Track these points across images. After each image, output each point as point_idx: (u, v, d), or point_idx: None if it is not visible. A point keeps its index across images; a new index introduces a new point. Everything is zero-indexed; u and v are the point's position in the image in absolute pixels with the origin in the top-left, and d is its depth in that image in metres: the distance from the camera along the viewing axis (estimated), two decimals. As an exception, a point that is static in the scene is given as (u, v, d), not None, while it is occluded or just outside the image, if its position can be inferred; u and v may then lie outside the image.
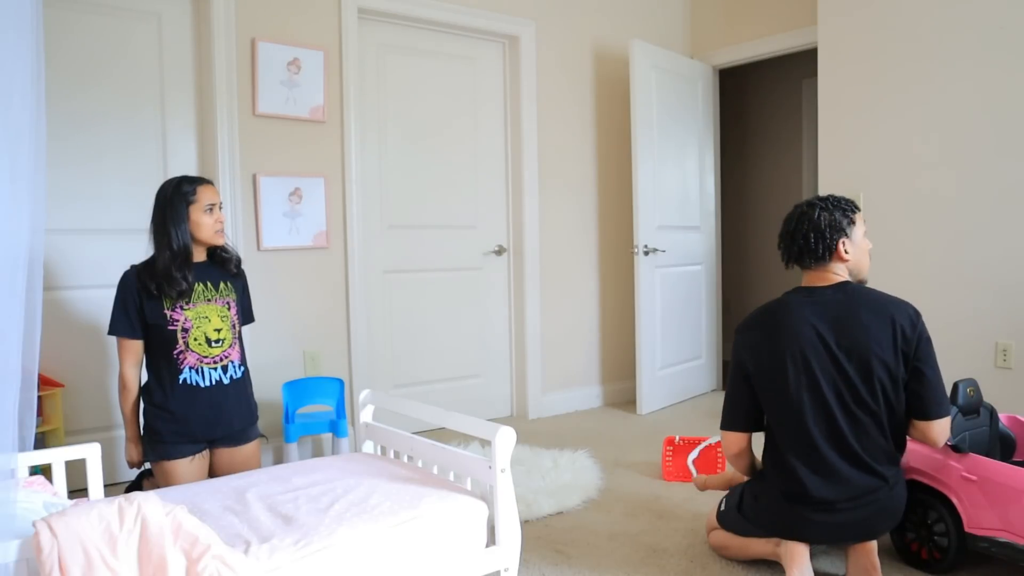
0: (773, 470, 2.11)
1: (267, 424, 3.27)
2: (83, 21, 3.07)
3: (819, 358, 2.02)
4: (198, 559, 1.44)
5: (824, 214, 2.11)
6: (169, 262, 2.35)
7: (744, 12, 4.66)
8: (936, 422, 2.03)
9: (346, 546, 1.68)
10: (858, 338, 2.00)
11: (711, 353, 4.95)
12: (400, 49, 3.90)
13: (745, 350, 2.15)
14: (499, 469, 1.89)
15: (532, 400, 4.30)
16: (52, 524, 1.36)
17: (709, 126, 4.89)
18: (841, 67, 3.87)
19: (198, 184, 2.42)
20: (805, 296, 2.11)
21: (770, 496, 2.11)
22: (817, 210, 2.13)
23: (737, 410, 2.18)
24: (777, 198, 5.82)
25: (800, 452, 2.04)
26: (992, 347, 3.39)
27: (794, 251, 2.15)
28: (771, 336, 2.08)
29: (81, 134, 3.09)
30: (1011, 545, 1.99)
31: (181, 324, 2.38)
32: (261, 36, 3.37)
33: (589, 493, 2.92)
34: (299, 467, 2.18)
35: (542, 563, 2.33)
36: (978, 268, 3.42)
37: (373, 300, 3.83)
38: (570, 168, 4.44)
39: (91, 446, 1.96)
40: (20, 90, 1.41)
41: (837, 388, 2.01)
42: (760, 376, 2.11)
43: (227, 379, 2.46)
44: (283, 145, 3.45)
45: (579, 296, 4.51)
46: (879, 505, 2.03)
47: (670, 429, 3.91)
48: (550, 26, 4.32)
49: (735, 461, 2.24)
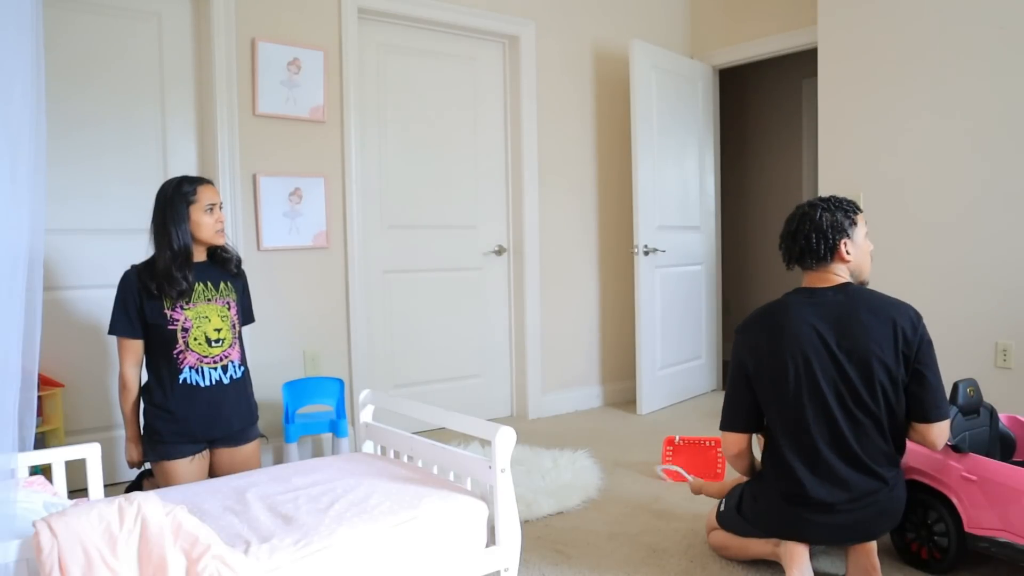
0: (773, 471, 2.11)
1: (267, 424, 3.27)
2: (83, 21, 3.07)
3: (820, 359, 2.02)
4: (198, 559, 1.44)
5: (826, 215, 2.11)
6: (170, 262, 2.35)
7: (744, 12, 4.66)
8: (936, 425, 2.03)
9: (346, 546, 1.68)
10: (859, 340, 2.00)
11: (711, 353, 4.95)
12: (400, 49, 3.90)
13: (745, 351, 2.14)
14: (499, 469, 1.89)
15: (532, 400, 4.30)
16: (52, 524, 1.36)
17: (709, 126, 4.89)
18: (841, 67, 3.87)
19: (198, 184, 2.42)
20: (806, 297, 2.10)
21: (769, 497, 2.11)
22: (819, 210, 2.12)
23: (737, 411, 2.18)
24: (777, 198, 5.82)
25: (800, 453, 2.04)
26: (992, 347, 3.39)
27: (795, 251, 2.15)
28: (772, 337, 2.08)
29: (81, 134, 3.09)
30: (1011, 545, 1.99)
31: (181, 324, 2.38)
32: (261, 36, 3.37)
33: (589, 493, 2.92)
34: (299, 467, 2.18)
35: (542, 563, 2.33)
36: (978, 268, 3.42)
37: (373, 300, 3.83)
38: (570, 168, 4.44)
39: (91, 446, 1.96)
40: (20, 90, 1.41)
41: (838, 390, 2.01)
42: (760, 377, 2.10)
43: (227, 379, 2.46)
44: (283, 145, 3.45)
45: (579, 296, 4.51)
46: (879, 506, 2.03)
47: (670, 429, 3.91)
48: (550, 26, 4.32)
49: (735, 462, 2.24)
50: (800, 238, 2.13)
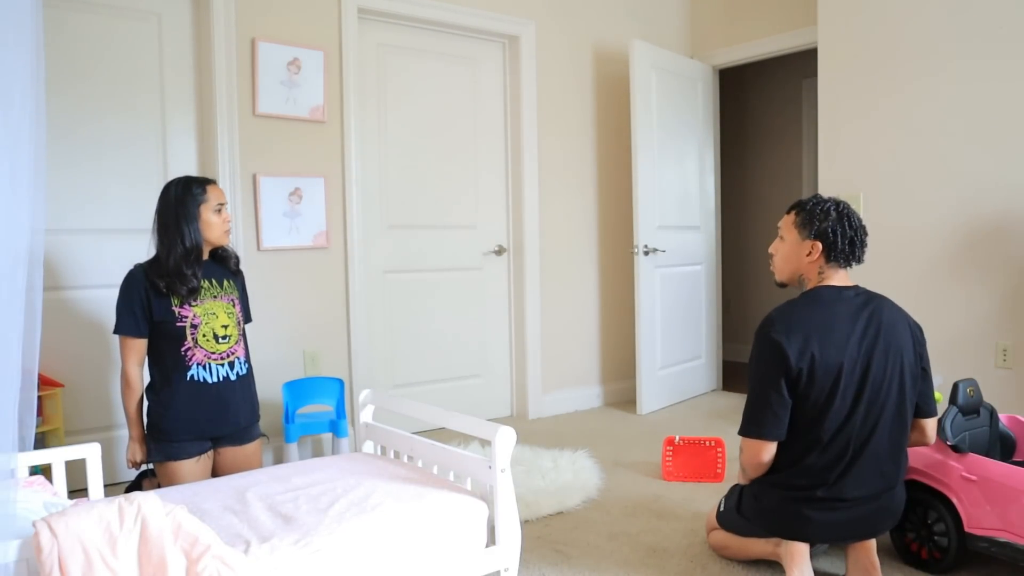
0: (788, 469, 2.05)
1: (267, 424, 3.26)
2: (83, 21, 3.07)
3: (867, 358, 1.99)
4: (198, 559, 1.44)
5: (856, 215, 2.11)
6: (181, 259, 2.36)
7: (744, 12, 4.66)
8: (933, 420, 2.13)
9: (346, 546, 1.68)
10: (892, 339, 2.01)
11: (711, 353, 4.95)
12: (400, 49, 3.90)
13: (790, 351, 1.96)
14: (499, 469, 1.89)
15: (532, 400, 4.30)
16: (52, 524, 1.36)
17: (709, 126, 4.89)
18: (841, 67, 3.87)
19: (207, 184, 2.45)
20: (838, 295, 2.06)
21: (771, 496, 2.10)
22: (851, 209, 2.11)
23: (776, 417, 2.01)
24: (777, 198, 5.82)
25: (827, 452, 2.00)
26: (992, 347, 3.39)
27: (844, 246, 2.05)
28: (820, 337, 1.98)
29: (81, 134, 3.09)
30: (1011, 545, 1.99)
31: (190, 320, 2.39)
32: (261, 36, 3.37)
33: (589, 493, 2.92)
34: (299, 467, 2.18)
35: (542, 563, 2.33)
36: (978, 268, 3.42)
37: (373, 300, 3.83)
38: (570, 168, 4.44)
39: (91, 446, 1.96)
40: (20, 90, 1.41)
41: (881, 388, 1.99)
42: (809, 378, 1.97)
43: (233, 375, 2.47)
44: (283, 145, 3.45)
45: (579, 296, 4.51)
46: (881, 504, 2.03)
47: (670, 429, 3.91)
48: (550, 26, 4.32)
49: (759, 470, 2.10)
50: (862, 233, 2.07)
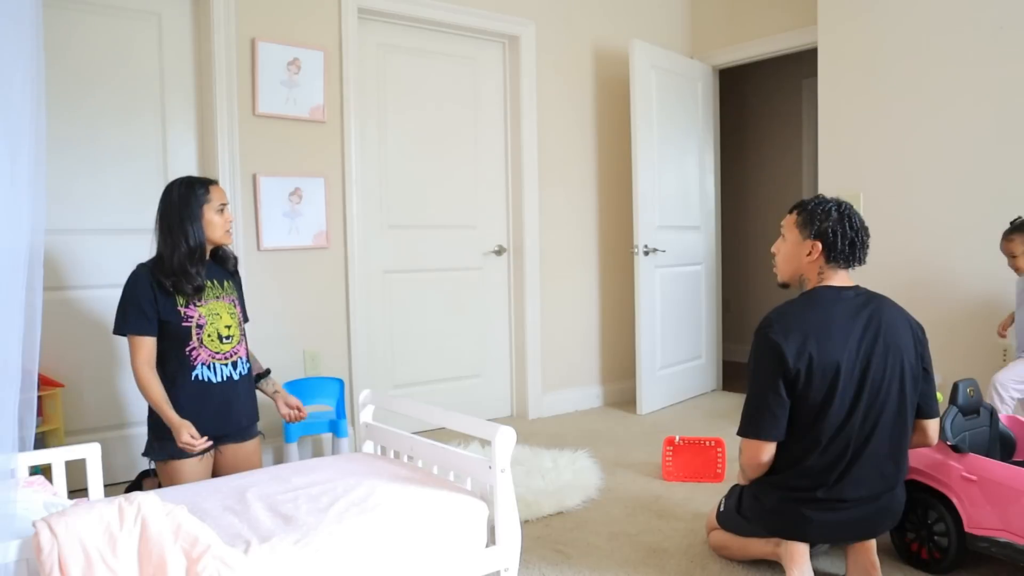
0: (788, 470, 2.05)
1: (267, 424, 3.26)
2: (83, 21, 3.07)
3: (868, 359, 1.98)
4: (198, 559, 1.44)
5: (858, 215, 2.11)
6: (185, 258, 2.36)
7: (744, 12, 4.66)
8: (936, 420, 2.11)
9: (346, 546, 1.68)
10: (893, 340, 2.01)
11: (711, 353, 4.95)
12: (400, 49, 3.90)
13: (788, 352, 1.96)
14: (499, 469, 1.89)
15: (532, 400, 4.30)
16: (52, 524, 1.36)
17: (709, 126, 4.89)
18: (841, 67, 3.87)
19: (209, 184, 2.45)
20: (837, 296, 2.05)
21: (771, 496, 2.10)
22: (853, 209, 2.11)
23: (775, 416, 2.00)
24: (777, 198, 5.82)
25: (827, 452, 1.99)
26: (992, 347, 3.39)
27: (844, 246, 2.04)
28: (819, 337, 1.98)
29: (80, 134, 3.09)
30: (1011, 545, 1.99)
31: (195, 320, 2.39)
32: (261, 36, 3.37)
33: (589, 493, 2.92)
34: (299, 467, 2.18)
35: (542, 563, 2.33)
36: (978, 268, 3.42)
37: (373, 300, 3.83)
38: (570, 168, 4.44)
39: (91, 446, 1.96)
40: (20, 89, 1.41)
41: (883, 388, 1.99)
42: (808, 379, 1.97)
43: (237, 375, 2.48)
44: (283, 145, 3.45)
45: (579, 296, 4.51)
46: (881, 505, 2.03)
47: (670, 429, 3.91)
48: (550, 26, 4.32)
49: (759, 470, 2.09)
50: (863, 234, 2.07)
